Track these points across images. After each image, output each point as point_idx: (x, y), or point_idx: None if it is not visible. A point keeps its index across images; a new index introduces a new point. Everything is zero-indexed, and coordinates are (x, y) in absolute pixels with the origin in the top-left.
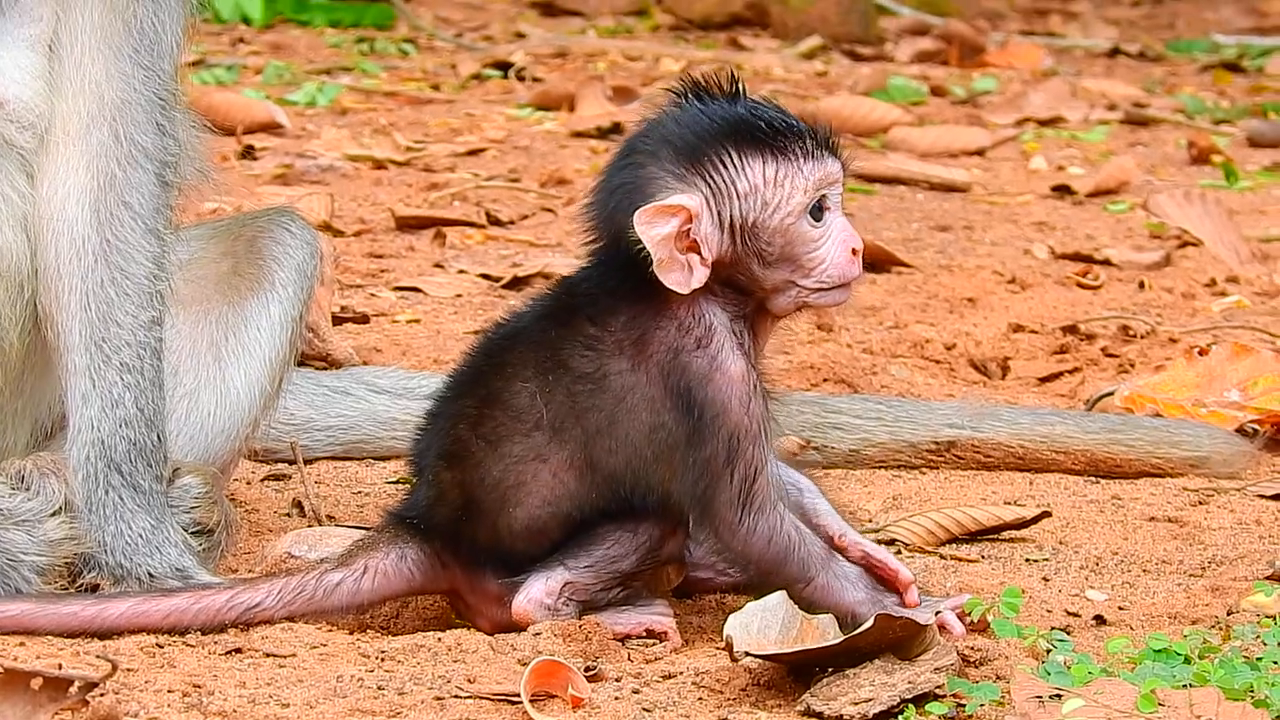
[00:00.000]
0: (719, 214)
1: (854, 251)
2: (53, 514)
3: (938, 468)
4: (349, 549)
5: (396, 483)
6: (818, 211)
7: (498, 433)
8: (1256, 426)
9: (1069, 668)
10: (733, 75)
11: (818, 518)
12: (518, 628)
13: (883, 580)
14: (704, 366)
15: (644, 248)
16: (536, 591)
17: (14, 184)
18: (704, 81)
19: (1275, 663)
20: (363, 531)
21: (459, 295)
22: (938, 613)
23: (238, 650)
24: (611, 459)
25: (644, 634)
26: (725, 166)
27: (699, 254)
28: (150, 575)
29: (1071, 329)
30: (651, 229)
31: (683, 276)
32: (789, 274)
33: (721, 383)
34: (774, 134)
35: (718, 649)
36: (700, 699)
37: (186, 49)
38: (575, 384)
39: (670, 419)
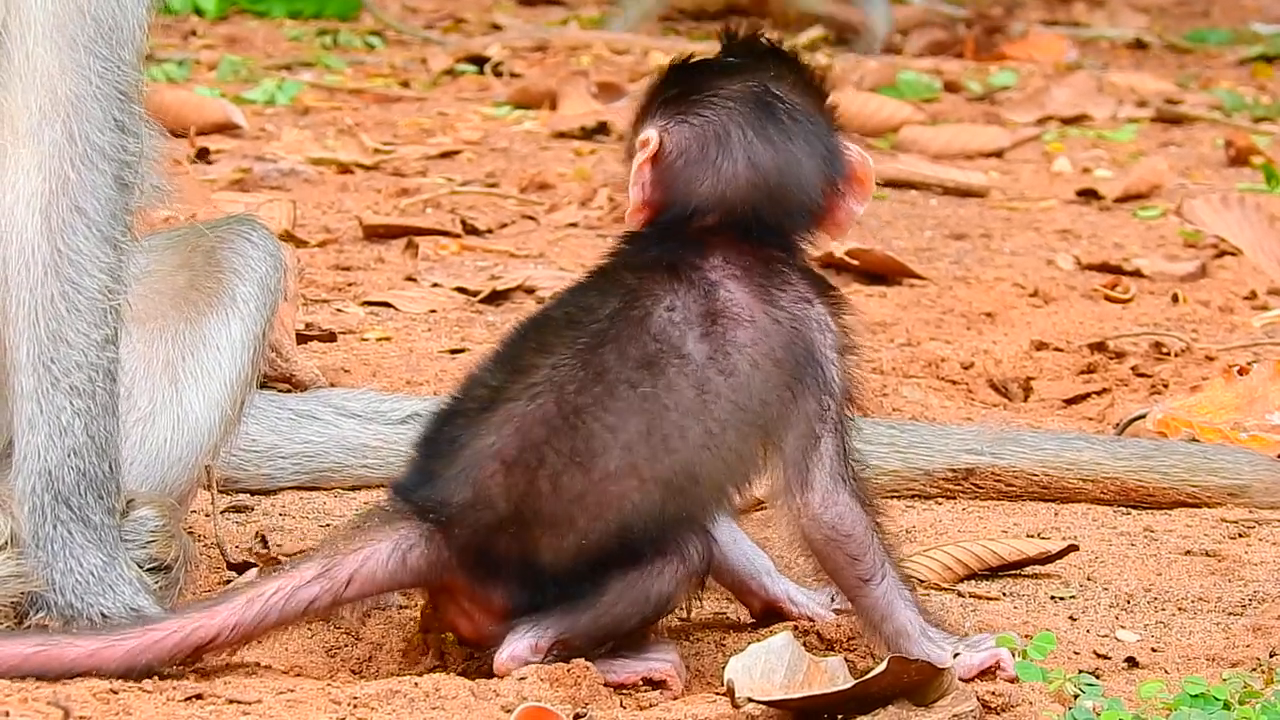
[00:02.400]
0: None
1: None
2: None
3: (955, 497)
4: (327, 552)
5: None
6: None
7: (592, 447)
8: None
9: (1099, 714)
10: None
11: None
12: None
13: None
14: (826, 317)
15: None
16: (523, 648)
17: None
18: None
19: None
20: None
21: (433, 311)
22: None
23: (198, 696)
24: (713, 452)
25: (640, 683)
26: None
27: None
28: (103, 615)
29: (1099, 346)
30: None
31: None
32: None
33: (840, 332)
34: None
35: (718, 694)
36: None
37: (149, 36)
38: (703, 372)
39: (790, 378)
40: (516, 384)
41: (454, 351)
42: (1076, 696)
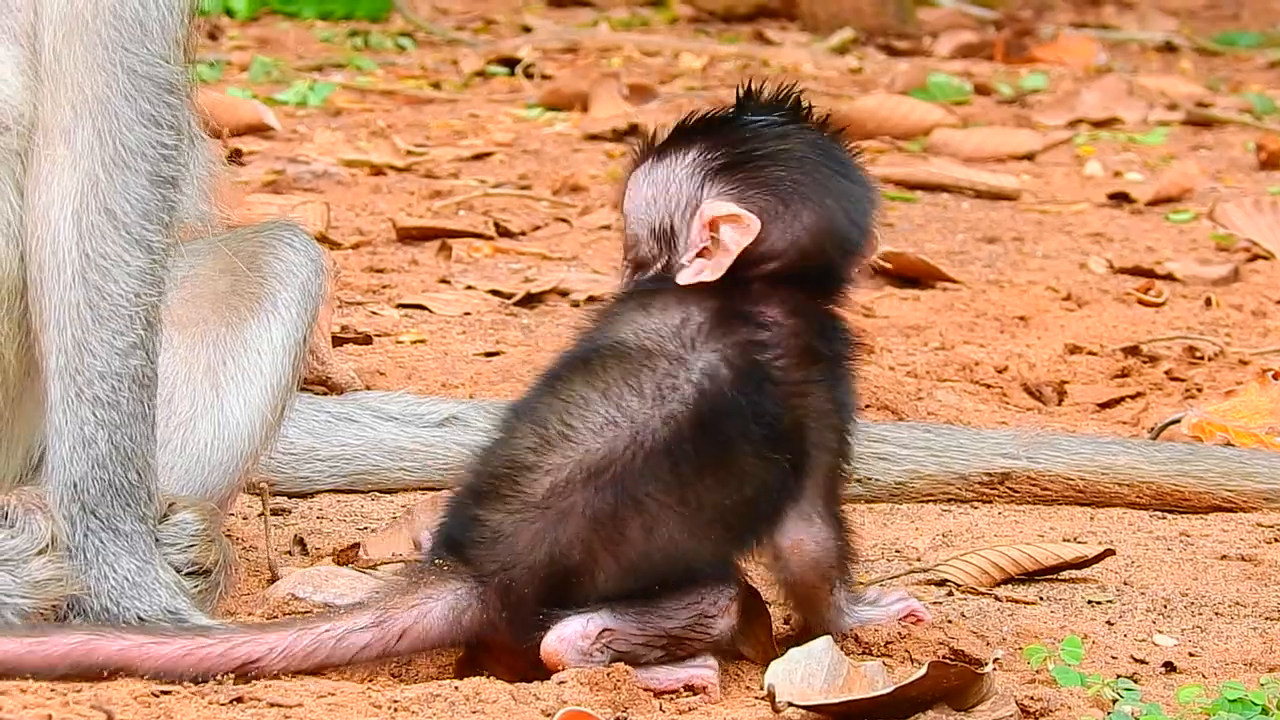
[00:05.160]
0: None
1: None
2: (38, 553)
3: (991, 501)
4: (382, 602)
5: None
6: None
7: (700, 496)
8: None
9: (1137, 719)
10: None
11: None
12: (543, 674)
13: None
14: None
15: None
16: (571, 631)
17: (3, 190)
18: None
19: None
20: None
21: (467, 313)
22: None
23: (239, 700)
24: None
25: (681, 690)
26: None
27: None
28: (140, 619)
29: (1133, 350)
30: None
31: None
32: None
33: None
34: None
35: (757, 699)
36: None
37: (187, 25)
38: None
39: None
40: (611, 438)
41: (489, 354)
42: (1115, 701)
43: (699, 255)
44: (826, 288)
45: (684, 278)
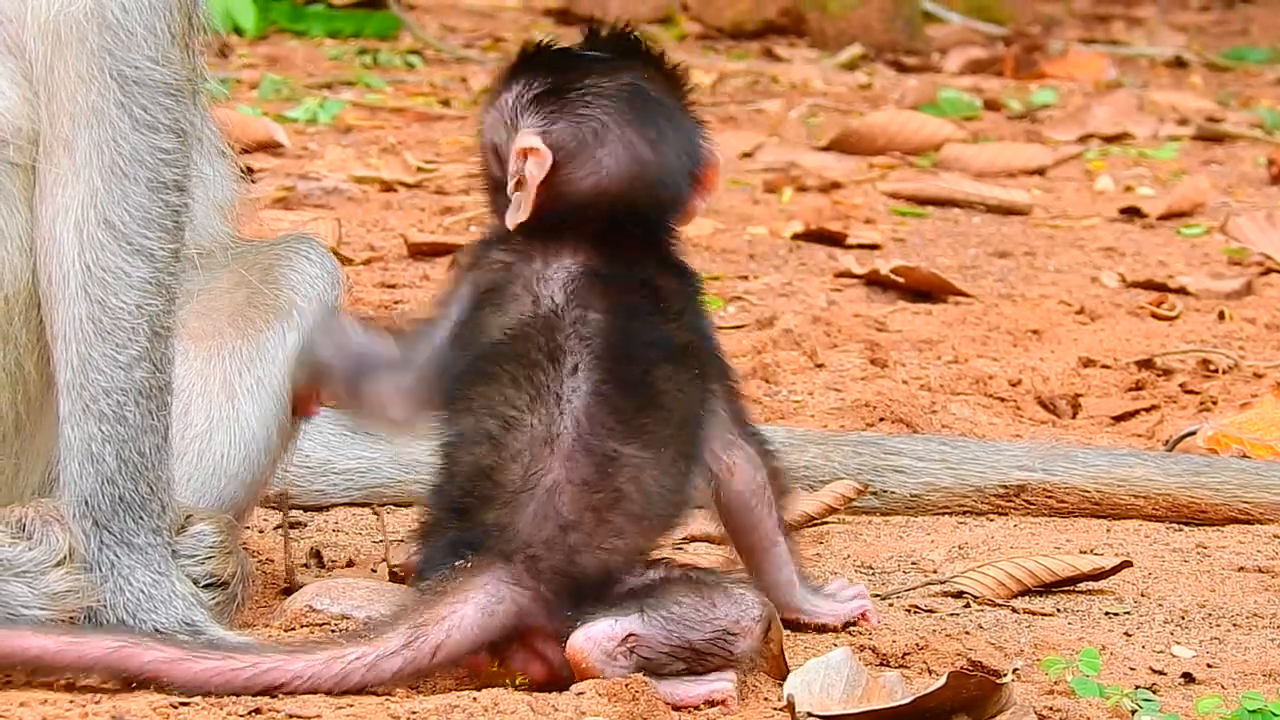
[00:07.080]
0: None
1: None
2: (56, 564)
3: (1007, 514)
4: (411, 619)
5: None
6: None
7: (659, 436)
8: None
9: None
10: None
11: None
12: (571, 672)
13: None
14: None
15: (682, 197)
16: (599, 631)
17: (11, 202)
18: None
19: None
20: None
21: None
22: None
23: (257, 711)
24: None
25: (701, 705)
26: None
27: None
28: (158, 631)
29: (1147, 363)
30: None
31: None
32: None
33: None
34: None
35: (775, 709)
36: None
37: (180, 23)
38: (687, 353)
39: None
40: (545, 413)
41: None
42: (1134, 712)
43: (516, 185)
44: (655, 233)
45: (509, 219)
